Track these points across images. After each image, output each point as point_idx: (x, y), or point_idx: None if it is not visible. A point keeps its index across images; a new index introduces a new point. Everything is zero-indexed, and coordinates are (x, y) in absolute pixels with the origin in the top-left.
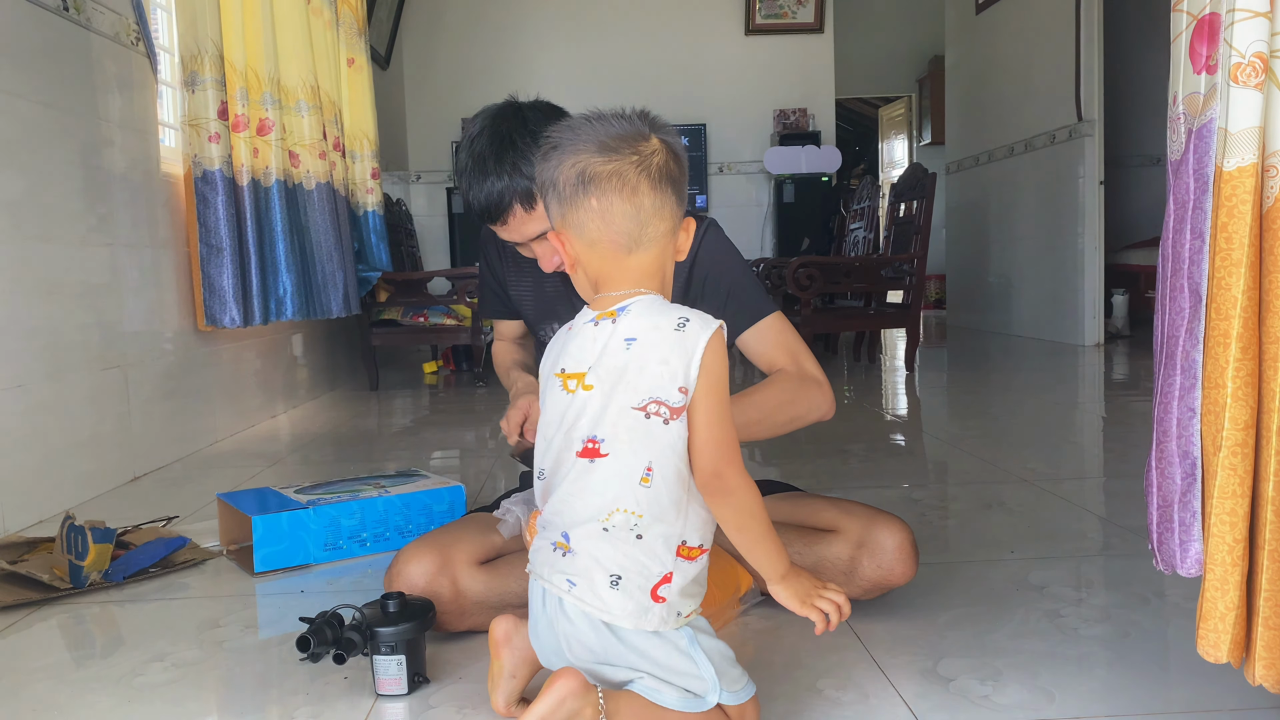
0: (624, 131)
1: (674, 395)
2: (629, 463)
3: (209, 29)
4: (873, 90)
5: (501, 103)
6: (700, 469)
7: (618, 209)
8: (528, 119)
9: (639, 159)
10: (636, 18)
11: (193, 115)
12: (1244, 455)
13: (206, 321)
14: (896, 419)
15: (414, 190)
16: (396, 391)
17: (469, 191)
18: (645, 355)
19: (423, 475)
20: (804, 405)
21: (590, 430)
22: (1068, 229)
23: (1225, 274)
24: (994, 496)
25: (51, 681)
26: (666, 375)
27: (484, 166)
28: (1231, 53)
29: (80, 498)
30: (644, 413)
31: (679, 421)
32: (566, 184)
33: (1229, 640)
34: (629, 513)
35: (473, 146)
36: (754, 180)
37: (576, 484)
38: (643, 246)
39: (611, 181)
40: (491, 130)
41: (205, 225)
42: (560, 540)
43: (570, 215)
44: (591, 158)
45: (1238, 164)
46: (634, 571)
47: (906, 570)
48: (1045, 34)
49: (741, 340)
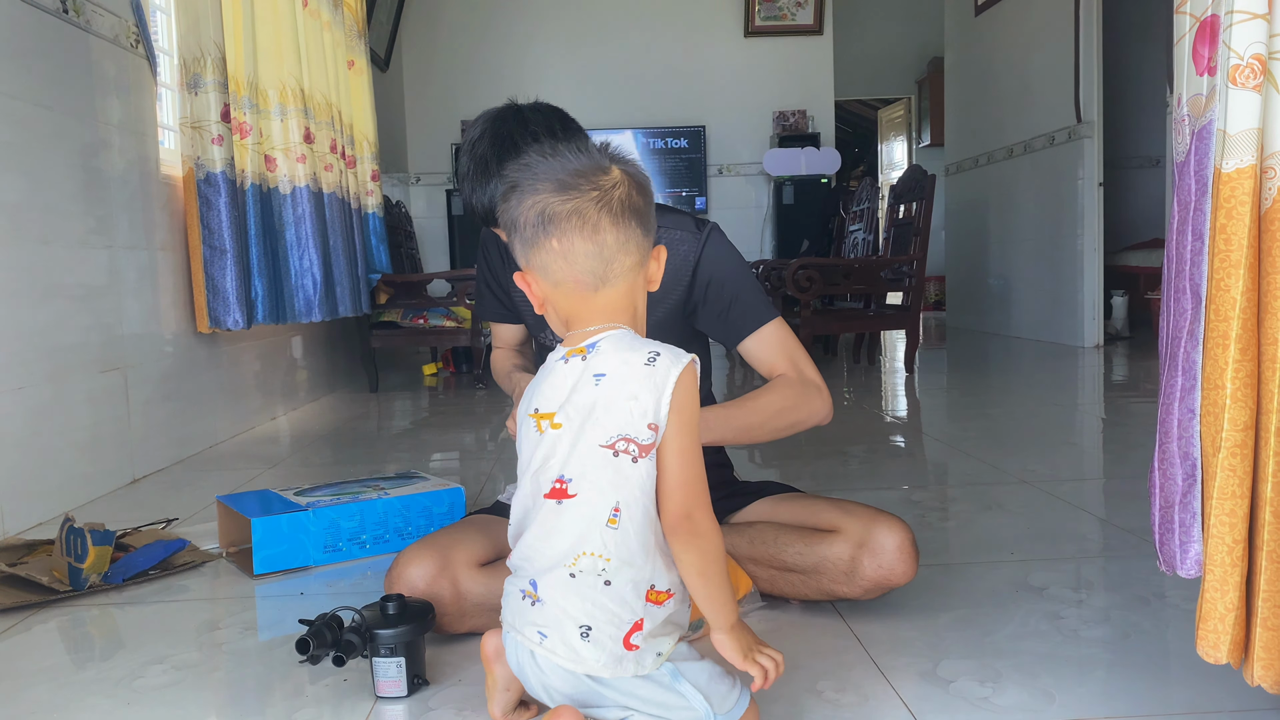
0: (582, 166)
1: (643, 432)
2: (595, 502)
3: (211, 31)
4: (872, 92)
5: (501, 105)
6: (670, 510)
7: (580, 249)
8: (529, 120)
9: (599, 194)
10: (636, 20)
11: (195, 118)
12: (1243, 456)
13: (210, 324)
14: (896, 420)
15: (413, 192)
16: (396, 393)
17: (470, 195)
18: (614, 391)
19: (422, 477)
20: (804, 411)
21: (559, 470)
22: (1067, 230)
23: (1224, 275)
24: (994, 498)
25: (51, 684)
26: (636, 411)
27: (485, 169)
28: (1230, 54)
29: (80, 500)
30: (612, 450)
31: (648, 460)
32: (527, 225)
33: (1229, 641)
34: (596, 556)
35: (474, 150)
36: (753, 182)
37: (543, 526)
38: (609, 283)
39: (571, 221)
40: (492, 133)
41: (208, 227)
42: (528, 588)
43: (534, 257)
44: (550, 197)
45: (1236, 165)
46: (604, 621)
47: (907, 570)
48: (1044, 36)
49: (743, 346)
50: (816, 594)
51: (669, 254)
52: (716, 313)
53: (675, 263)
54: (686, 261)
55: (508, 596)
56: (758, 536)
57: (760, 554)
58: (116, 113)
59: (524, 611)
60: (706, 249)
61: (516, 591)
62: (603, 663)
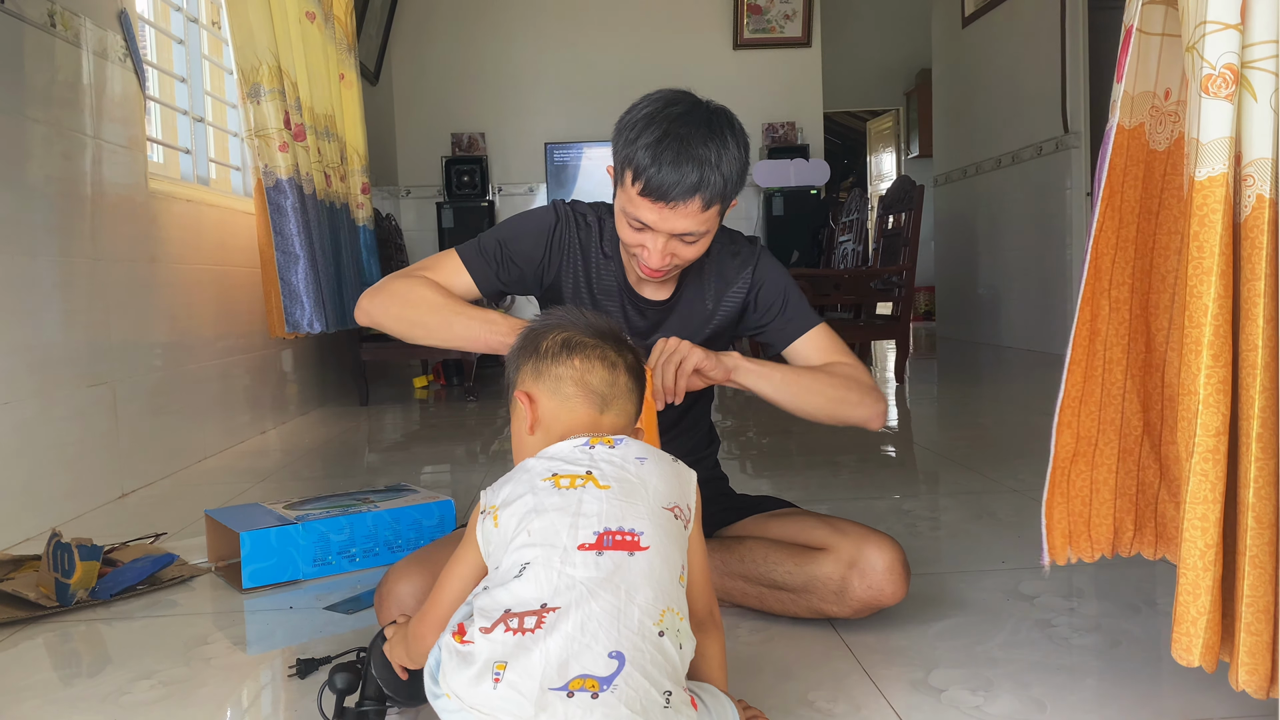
0: (609, 327)
1: (686, 509)
2: (671, 558)
3: (264, 39)
4: (860, 103)
5: (695, 95)
6: (700, 607)
7: (598, 373)
8: (735, 124)
9: (618, 347)
10: (625, 33)
11: (259, 126)
12: (1215, 461)
13: (288, 328)
14: (887, 430)
15: (403, 205)
16: (387, 407)
17: (653, 163)
18: (663, 467)
19: (412, 490)
20: (852, 398)
21: (618, 524)
22: (1055, 240)
23: (1197, 281)
24: (985, 506)
25: (38, 700)
26: (681, 491)
27: (688, 146)
28: (1202, 64)
29: (67, 515)
30: (674, 513)
31: (688, 532)
32: (550, 348)
33: (1200, 644)
34: (677, 614)
35: (675, 124)
36: (743, 194)
37: (608, 580)
38: (613, 410)
39: (595, 351)
40: (705, 116)
41: (280, 233)
42: (581, 679)
43: (548, 370)
44: (580, 334)
45: (1208, 173)
46: (678, 685)
47: (897, 590)
48: (1031, 46)
49: (792, 349)
50: (806, 612)
51: (730, 270)
52: (767, 318)
53: (732, 272)
54: (745, 270)
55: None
56: (748, 554)
57: (750, 571)
58: (105, 126)
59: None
60: (760, 262)
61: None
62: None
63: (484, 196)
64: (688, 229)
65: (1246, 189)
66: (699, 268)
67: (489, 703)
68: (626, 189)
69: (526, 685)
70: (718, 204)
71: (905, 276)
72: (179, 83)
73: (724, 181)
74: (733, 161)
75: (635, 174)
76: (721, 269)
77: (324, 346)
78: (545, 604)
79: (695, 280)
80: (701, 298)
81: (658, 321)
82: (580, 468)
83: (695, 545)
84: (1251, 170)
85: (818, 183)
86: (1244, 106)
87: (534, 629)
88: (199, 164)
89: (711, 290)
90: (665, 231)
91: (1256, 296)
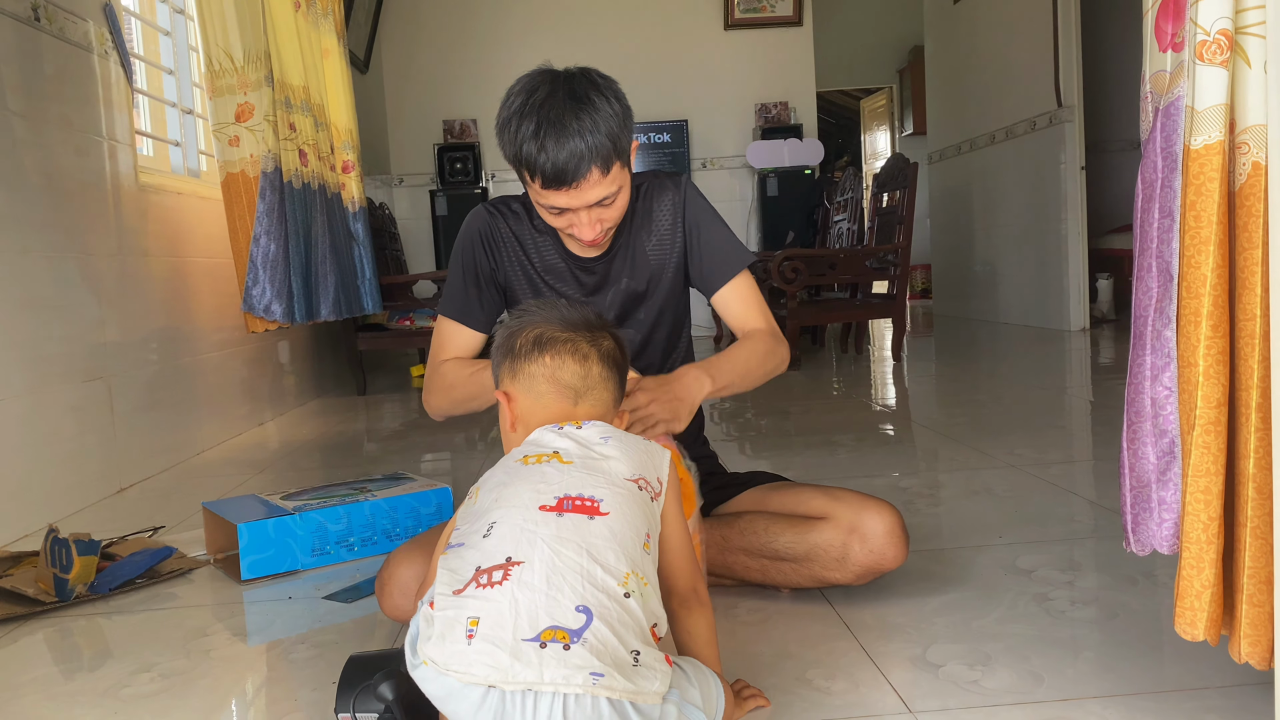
0: (582, 317)
1: (655, 483)
2: (634, 523)
3: (255, 28)
4: (853, 82)
5: (553, 69)
6: (680, 585)
7: (569, 367)
8: (597, 81)
9: (592, 337)
10: (615, 15)
11: (269, 111)
12: (1217, 433)
13: (243, 307)
14: (884, 408)
15: (397, 194)
16: (384, 396)
17: (539, 155)
18: (628, 443)
19: (409, 478)
20: (777, 359)
21: (578, 490)
22: (1051, 215)
23: (1195, 252)
24: (982, 482)
25: (39, 695)
26: (649, 465)
27: (563, 126)
28: (1197, 30)
29: (65, 510)
30: (638, 484)
31: (658, 505)
32: (524, 345)
33: (1205, 618)
34: (640, 578)
35: (543, 109)
36: (737, 175)
37: (569, 539)
38: (588, 400)
39: (566, 345)
40: (566, 91)
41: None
42: (552, 629)
43: (522, 369)
44: (551, 328)
45: (1204, 142)
46: (646, 644)
47: (897, 554)
48: (1023, 21)
49: (719, 296)
50: (809, 581)
51: (657, 208)
52: (699, 258)
53: (666, 214)
54: (676, 209)
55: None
56: (748, 527)
57: (752, 545)
58: (93, 120)
59: (546, 660)
60: (688, 196)
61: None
62: (655, 689)
63: (477, 183)
64: (601, 195)
65: (1241, 156)
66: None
67: (464, 660)
68: (531, 186)
69: (500, 635)
70: (615, 161)
71: (900, 255)
72: (166, 75)
73: (610, 141)
74: (609, 118)
75: (531, 170)
76: (648, 206)
77: (320, 337)
78: (510, 557)
79: (626, 223)
80: (636, 234)
81: (606, 272)
82: (548, 449)
83: (671, 520)
84: (1246, 138)
85: (812, 162)
86: (1238, 73)
87: (501, 581)
88: (189, 156)
89: (644, 225)
90: (582, 205)
91: (1254, 265)
